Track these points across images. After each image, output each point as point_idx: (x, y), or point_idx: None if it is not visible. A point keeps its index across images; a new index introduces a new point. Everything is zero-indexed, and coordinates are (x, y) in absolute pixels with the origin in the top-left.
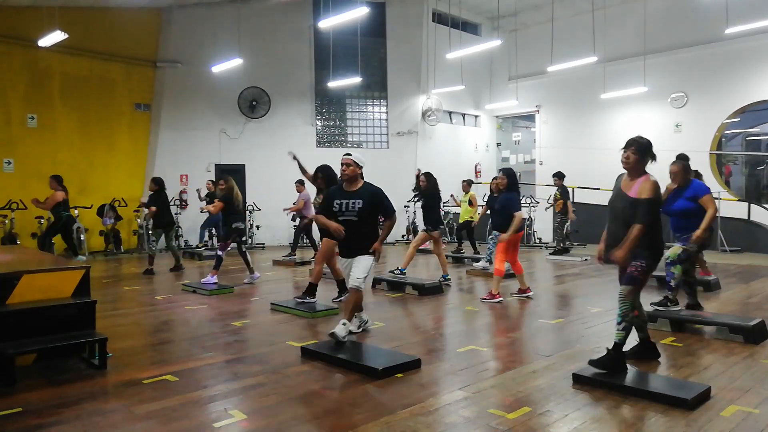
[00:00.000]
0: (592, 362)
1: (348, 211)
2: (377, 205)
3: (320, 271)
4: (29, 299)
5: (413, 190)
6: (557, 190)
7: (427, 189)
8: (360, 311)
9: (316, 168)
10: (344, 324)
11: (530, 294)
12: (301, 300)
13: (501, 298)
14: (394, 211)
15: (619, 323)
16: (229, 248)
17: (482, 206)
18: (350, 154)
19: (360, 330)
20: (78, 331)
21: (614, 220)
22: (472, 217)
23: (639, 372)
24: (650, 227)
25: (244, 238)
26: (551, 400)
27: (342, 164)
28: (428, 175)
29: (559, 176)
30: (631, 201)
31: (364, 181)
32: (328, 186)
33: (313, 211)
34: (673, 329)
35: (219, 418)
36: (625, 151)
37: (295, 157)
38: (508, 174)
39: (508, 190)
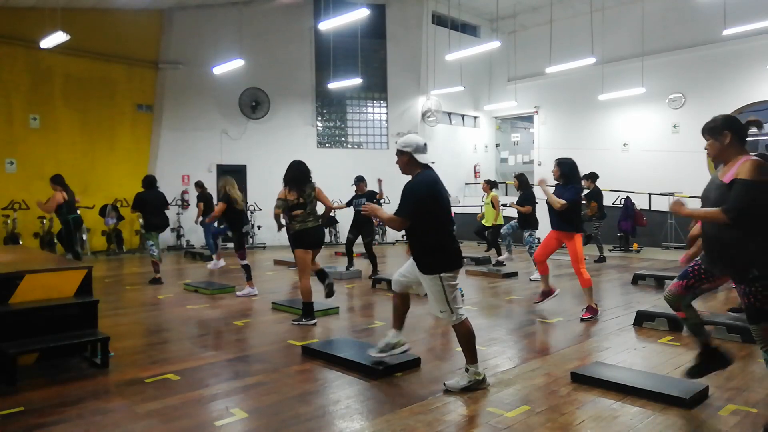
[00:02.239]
0: None
1: None
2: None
3: (309, 286)
4: (31, 299)
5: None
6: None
7: None
8: (473, 345)
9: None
10: (466, 370)
11: (556, 292)
12: (297, 323)
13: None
14: (403, 213)
15: None
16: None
17: (509, 205)
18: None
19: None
20: (80, 331)
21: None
22: (499, 223)
23: (637, 371)
24: (755, 228)
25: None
26: (550, 399)
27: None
28: None
29: (592, 177)
30: (727, 186)
31: (420, 171)
32: (298, 186)
33: None
34: (670, 328)
35: (220, 416)
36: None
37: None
38: (560, 163)
39: (565, 182)
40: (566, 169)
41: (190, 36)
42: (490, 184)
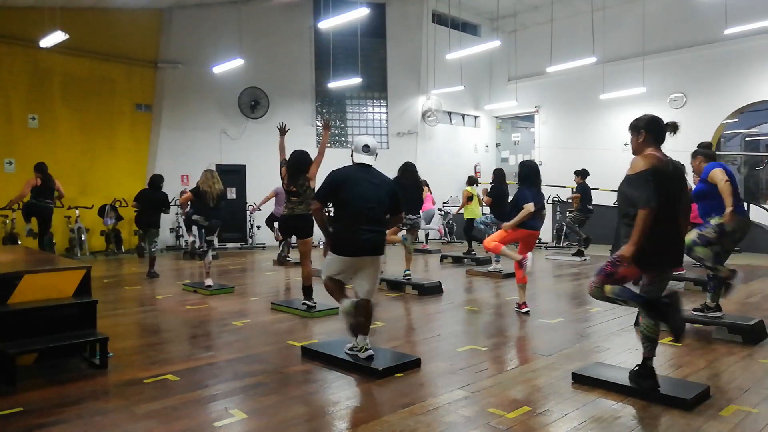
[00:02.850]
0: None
1: None
2: None
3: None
4: (30, 299)
5: None
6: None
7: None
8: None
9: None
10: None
11: (527, 310)
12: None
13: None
14: (315, 197)
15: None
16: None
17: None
18: None
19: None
20: (79, 331)
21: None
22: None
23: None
24: (626, 213)
25: (210, 238)
26: (551, 400)
27: None
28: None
29: (582, 174)
30: (624, 180)
31: (351, 166)
32: (293, 176)
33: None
34: None
35: (219, 417)
36: None
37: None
38: (519, 164)
39: (520, 183)
40: (522, 170)
41: (189, 35)
42: (469, 181)
